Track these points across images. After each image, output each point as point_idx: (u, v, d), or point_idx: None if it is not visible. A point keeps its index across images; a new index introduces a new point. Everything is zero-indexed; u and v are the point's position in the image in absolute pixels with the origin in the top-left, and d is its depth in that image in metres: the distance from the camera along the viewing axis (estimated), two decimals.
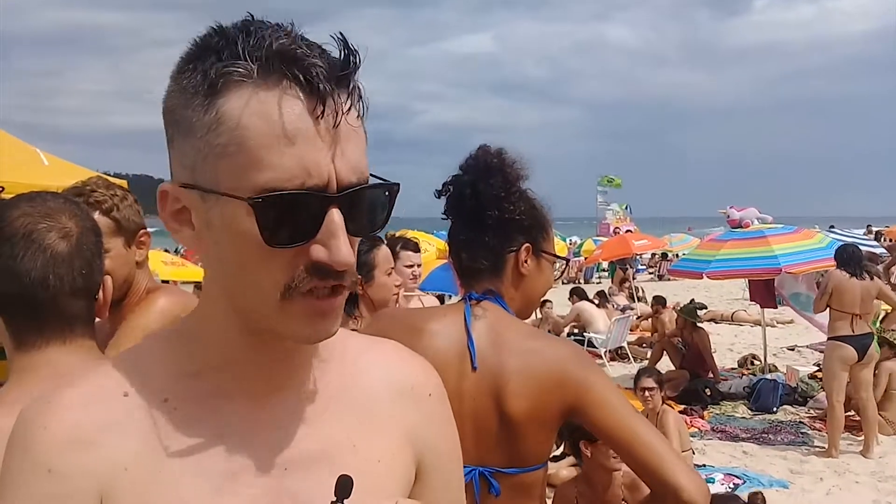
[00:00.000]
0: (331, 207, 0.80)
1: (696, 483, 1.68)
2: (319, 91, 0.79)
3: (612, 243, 22.09)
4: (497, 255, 1.94)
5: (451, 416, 1.12)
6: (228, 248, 0.83)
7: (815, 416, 9.07)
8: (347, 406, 0.98)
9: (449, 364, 1.81)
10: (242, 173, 0.79)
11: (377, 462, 0.97)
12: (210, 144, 0.80)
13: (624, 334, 13.00)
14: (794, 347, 13.39)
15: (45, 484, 0.83)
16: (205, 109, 0.80)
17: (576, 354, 1.85)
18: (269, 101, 0.78)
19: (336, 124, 0.80)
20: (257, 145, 0.78)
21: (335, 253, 0.81)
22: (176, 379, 0.91)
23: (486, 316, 1.89)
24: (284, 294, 0.82)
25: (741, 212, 11.26)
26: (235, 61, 0.79)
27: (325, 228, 0.81)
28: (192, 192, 0.84)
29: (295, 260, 0.82)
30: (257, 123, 0.78)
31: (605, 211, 36.16)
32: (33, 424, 0.86)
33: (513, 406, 1.77)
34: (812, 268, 9.85)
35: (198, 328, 0.93)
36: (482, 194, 1.89)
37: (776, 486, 6.89)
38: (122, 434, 0.86)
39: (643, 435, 1.72)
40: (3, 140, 7.26)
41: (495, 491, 1.79)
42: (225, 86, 0.79)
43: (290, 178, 0.78)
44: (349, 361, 1.02)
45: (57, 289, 1.40)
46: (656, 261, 28.88)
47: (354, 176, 0.82)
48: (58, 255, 1.40)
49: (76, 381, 0.90)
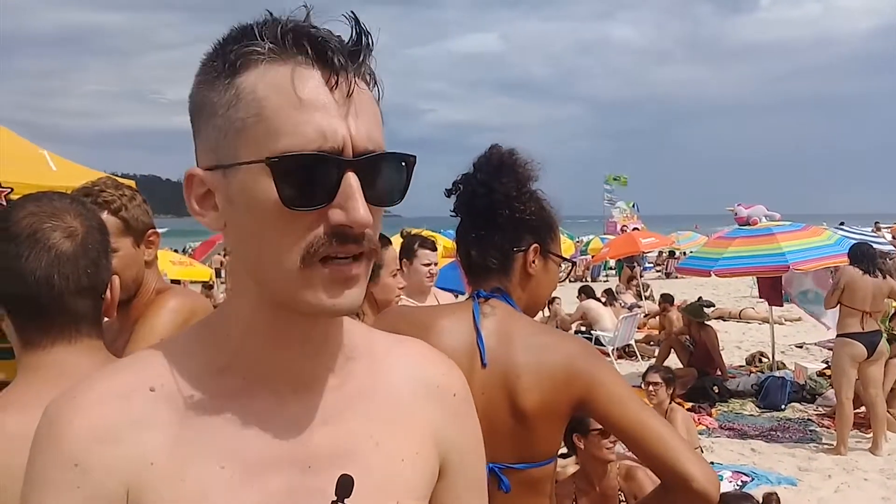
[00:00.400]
0: (347, 171, 0.82)
1: (707, 473, 1.69)
2: (333, 63, 0.83)
3: (619, 241, 22.06)
4: (506, 254, 1.95)
5: (475, 415, 1.13)
6: (249, 219, 0.85)
7: (823, 414, 9.05)
8: (372, 404, 0.99)
9: (458, 361, 1.81)
10: (261, 142, 0.82)
11: (401, 461, 0.98)
12: (230, 120, 0.83)
13: (632, 332, 12.98)
14: (803, 345, 13.35)
15: (72, 478, 0.84)
16: (225, 89, 0.84)
17: (584, 349, 1.87)
18: (284, 73, 0.82)
19: (349, 93, 0.83)
20: (274, 114, 0.82)
21: (352, 213, 0.82)
22: (202, 375, 0.92)
23: (495, 313, 1.90)
24: (304, 260, 0.83)
25: (749, 209, 11.21)
26: (252, 41, 0.83)
27: (342, 191, 0.82)
28: (216, 173, 0.86)
29: (314, 225, 0.83)
30: (273, 94, 0.82)
31: (611, 209, 36.12)
32: (60, 419, 0.86)
33: (524, 401, 1.78)
34: (820, 265, 9.82)
35: (225, 322, 0.94)
36: (494, 193, 1.90)
37: (784, 484, 6.87)
38: (148, 429, 0.87)
39: (653, 427, 1.73)
40: (12, 142, 7.29)
41: (505, 487, 1.79)
42: (243, 65, 0.83)
43: (306, 143, 0.81)
44: (376, 359, 1.03)
45: (62, 288, 1.40)
46: (664, 259, 28.83)
47: (371, 144, 0.85)
48: (62, 255, 1.40)
49: (103, 376, 0.91)
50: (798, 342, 13.60)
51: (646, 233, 23.90)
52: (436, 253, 4.72)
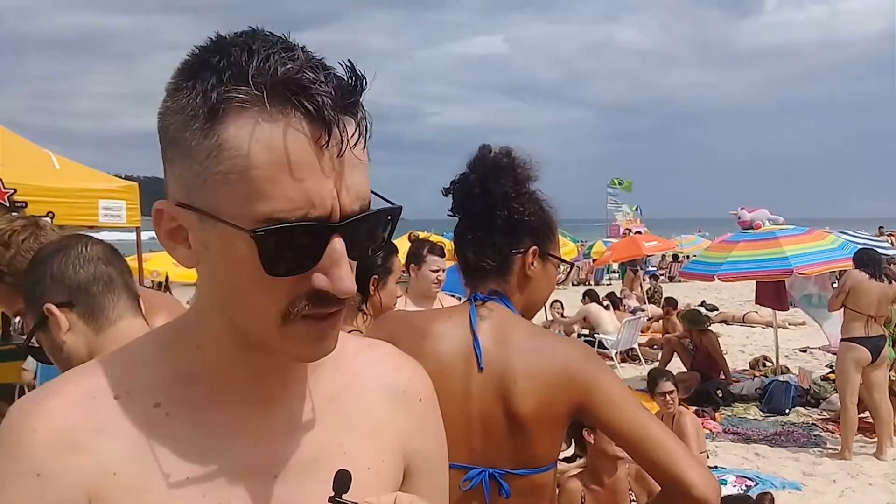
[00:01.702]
0: (333, 237, 0.79)
1: (707, 479, 1.67)
2: (325, 120, 0.76)
3: (622, 245, 22.05)
4: (504, 255, 1.92)
5: (441, 421, 1.12)
6: (226, 272, 0.82)
7: (827, 418, 9.02)
8: (340, 411, 0.98)
9: (455, 365, 1.81)
10: (244, 202, 0.77)
11: (367, 469, 0.96)
12: (210, 170, 0.77)
13: (635, 336, 12.96)
14: (807, 349, 13.32)
15: (33, 487, 0.82)
16: (204, 134, 0.77)
17: (583, 353, 1.85)
18: (273, 132, 0.76)
19: (341, 154, 0.78)
20: (259, 176, 0.76)
21: (337, 282, 0.80)
22: (168, 383, 0.90)
23: (492, 316, 1.88)
24: (285, 319, 0.81)
25: (752, 213, 11.19)
26: (238, 86, 0.76)
27: (326, 257, 0.79)
28: (190, 213, 0.81)
29: (296, 287, 0.80)
30: (260, 153, 0.76)
31: (615, 212, 36.07)
32: (22, 426, 0.85)
33: (520, 406, 1.76)
34: (824, 269, 9.80)
35: (194, 333, 0.92)
36: (492, 193, 1.88)
37: (789, 489, 6.86)
38: (111, 438, 0.85)
39: (652, 432, 1.71)
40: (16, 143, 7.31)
41: (506, 493, 1.78)
42: (226, 112, 0.76)
43: (293, 210, 0.76)
44: (343, 364, 1.02)
45: (118, 269, 1.73)
46: (667, 262, 28.80)
47: (357, 204, 0.80)
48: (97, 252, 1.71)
49: (67, 382, 0.89)
50: (802, 346, 13.57)
51: (649, 236, 23.89)
52: (444, 259, 4.70)
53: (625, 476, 4.38)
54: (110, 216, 6.80)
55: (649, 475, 1.77)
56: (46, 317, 1.65)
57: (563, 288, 23.77)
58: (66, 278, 1.66)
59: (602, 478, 4.37)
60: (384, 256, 3.36)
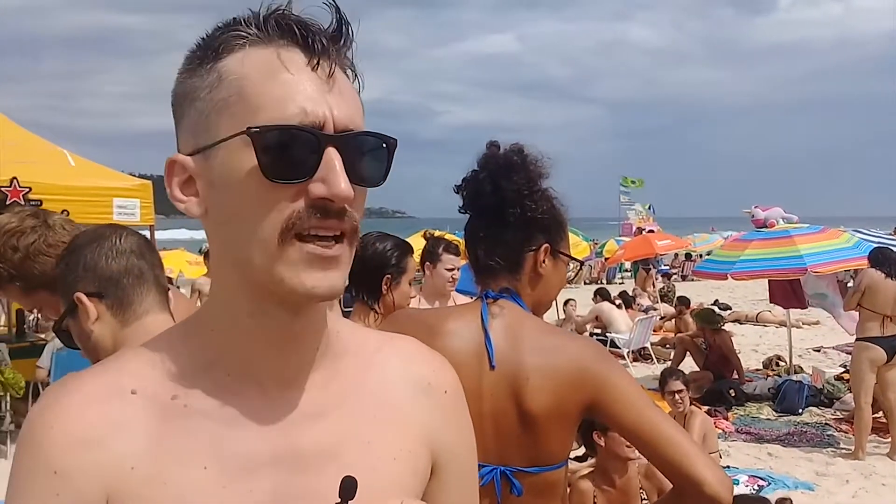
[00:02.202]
0: (328, 146, 0.82)
1: (719, 477, 1.66)
2: (314, 46, 0.84)
3: (634, 243, 21.97)
4: (516, 253, 1.92)
5: (467, 412, 1.11)
6: (228, 196, 0.84)
7: (841, 418, 8.97)
8: (363, 402, 0.98)
9: (467, 363, 1.80)
10: (242, 117, 0.82)
11: (393, 459, 0.96)
12: (212, 101, 0.84)
13: (647, 335, 12.92)
14: (820, 349, 13.26)
15: (51, 484, 0.83)
16: (207, 73, 0.85)
17: (594, 350, 1.84)
18: (267, 54, 0.84)
19: (330, 73, 0.85)
20: (255, 91, 0.82)
21: (334, 186, 0.81)
22: (186, 374, 0.90)
23: (504, 314, 1.88)
24: (283, 236, 0.82)
25: (766, 211, 11.13)
26: (235, 27, 0.85)
27: (323, 165, 0.82)
28: (198, 157, 0.86)
29: (294, 199, 0.82)
30: (255, 73, 0.83)
31: (627, 211, 35.98)
32: (40, 424, 0.86)
33: (532, 404, 1.76)
34: (839, 267, 9.74)
35: (209, 318, 0.93)
36: (504, 191, 1.87)
37: (801, 489, 6.82)
38: (129, 433, 0.86)
39: (664, 429, 1.70)
40: (32, 142, 7.37)
41: (517, 490, 1.78)
42: (226, 49, 0.85)
43: (288, 117, 0.81)
44: (366, 356, 1.02)
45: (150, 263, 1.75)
46: (680, 261, 28.70)
47: (352, 124, 0.85)
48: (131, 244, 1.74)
49: (85, 379, 0.90)
50: (816, 346, 13.51)
51: (661, 235, 23.80)
52: (459, 258, 4.70)
53: (636, 475, 4.37)
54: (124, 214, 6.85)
55: (661, 473, 1.77)
56: (76, 305, 1.68)
57: (574, 286, 23.74)
58: (98, 269, 1.69)
59: (613, 478, 4.37)
60: (398, 256, 3.34)
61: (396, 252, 3.33)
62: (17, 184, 5.75)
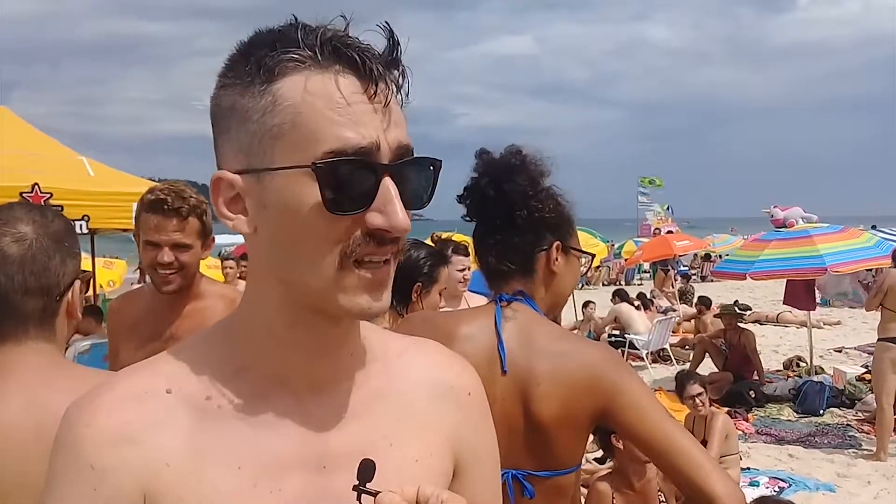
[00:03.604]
0: (385, 175, 0.84)
1: (732, 491, 1.64)
2: (371, 73, 0.84)
3: (652, 244, 21.88)
4: (527, 255, 1.92)
5: (490, 415, 1.13)
6: (285, 222, 0.85)
7: (862, 419, 8.89)
8: (387, 405, 1.00)
9: (479, 367, 1.80)
10: (301, 146, 0.82)
11: (415, 461, 0.98)
12: (265, 126, 0.84)
13: (666, 336, 12.86)
14: (842, 349, 13.14)
15: (88, 480, 0.85)
16: (261, 94, 0.84)
17: (608, 357, 1.83)
18: (325, 81, 0.83)
19: (387, 103, 0.85)
20: (314, 120, 0.82)
21: (392, 218, 0.84)
22: (219, 376, 0.92)
23: (517, 318, 1.88)
24: (342, 262, 0.85)
25: (785, 211, 11.07)
26: (291, 49, 0.83)
27: (380, 195, 0.84)
28: (248, 177, 0.87)
29: (352, 229, 0.84)
30: (313, 100, 0.83)
31: (646, 211, 35.82)
32: (77, 422, 0.87)
33: (542, 409, 1.76)
34: (859, 267, 9.67)
35: (245, 324, 0.95)
36: (508, 194, 1.87)
37: (823, 490, 6.77)
38: (164, 431, 0.87)
39: (677, 440, 1.68)
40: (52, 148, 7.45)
41: (529, 494, 1.78)
42: (281, 72, 0.84)
43: (346, 148, 0.82)
44: (390, 361, 1.04)
45: (7, 288, 1.52)
46: (699, 262, 28.55)
47: (404, 151, 0.87)
48: (8, 258, 1.51)
49: (120, 379, 0.92)
50: (837, 346, 13.38)
51: (680, 235, 23.69)
52: (469, 258, 4.73)
53: (654, 478, 4.36)
54: None
55: (673, 484, 1.74)
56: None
57: (593, 288, 23.65)
58: None
59: (632, 481, 4.35)
60: (431, 265, 3.38)
61: (430, 261, 3.38)
62: (39, 189, 5.81)
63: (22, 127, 7.51)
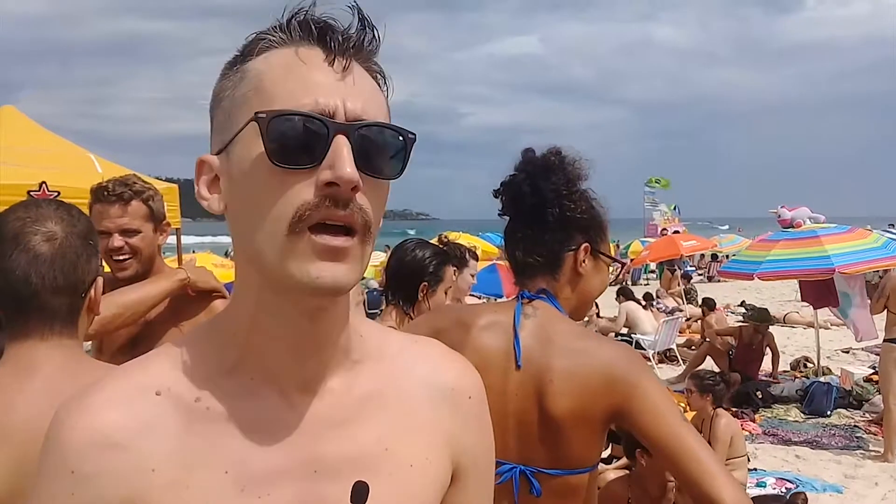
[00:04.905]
0: (337, 134, 0.83)
1: (741, 499, 1.64)
2: (331, 44, 0.86)
3: (659, 244, 21.81)
4: (555, 253, 1.93)
5: (489, 417, 1.11)
6: (242, 188, 0.86)
7: (870, 420, 8.87)
8: (382, 408, 0.97)
9: (495, 362, 1.81)
10: (256, 108, 0.84)
11: (409, 466, 0.96)
12: (234, 98, 0.87)
13: (673, 336, 12.84)
14: (849, 350, 13.09)
15: (67, 485, 0.84)
16: (234, 73, 0.89)
17: (627, 357, 1.82)
18: (287, 52, 0.87)
19: (345, 67, 0.86)
20: (272, 84, 0.85)
21: (338, 169, 0.81)
22: (210, 376, 0.91)
23: (537, 315, 1.89)
24: (293, 227, 0.82)
25: (793, 211, 11.02)
26: (263, 34, 0.88)
27: (331, 152, 0.82)
28: (221, 155, 0.89)
29: (303, 190, 0.82)
30: (273, 68, 0.86)
31: (652, 212, 35.73)
32: (63, 425, 0.87)
33: (555, 406, 1.76)
34: (867, 268, 9.61)
35: (232, 320, 0.94)
36: (542, 192, 1.89)
37: (830, 491, 6.76)
38: (151, 435, 0.86)
39: (690, 445, 1.68)
40: (60, 146, 7.46)
41: (536, 491, 1.77)
42: (251, 51, 0.88)
43: (299, 107, 0.83)
44: (387, 361, 1.02)
45: (38, 286, 1.55)
46: (706, 262, 28.46)
47: (365, 115, 0.85)
48: (39, 256, 1.55)
49: (111, 379, 0.90)
50: (844, 347, 13.33)
51: (687, 235, 23.62)
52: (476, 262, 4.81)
53: (671, 488, 4.33)
54: None
55: (682, 487, 1.74)
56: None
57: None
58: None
59: (651, 492, 4.35)
60: (436, 265, 3.39)
61: (435, 261, 3.39)
62: (47, 188, 5.83)
63: (29, 125, 7.53)
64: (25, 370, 1.52)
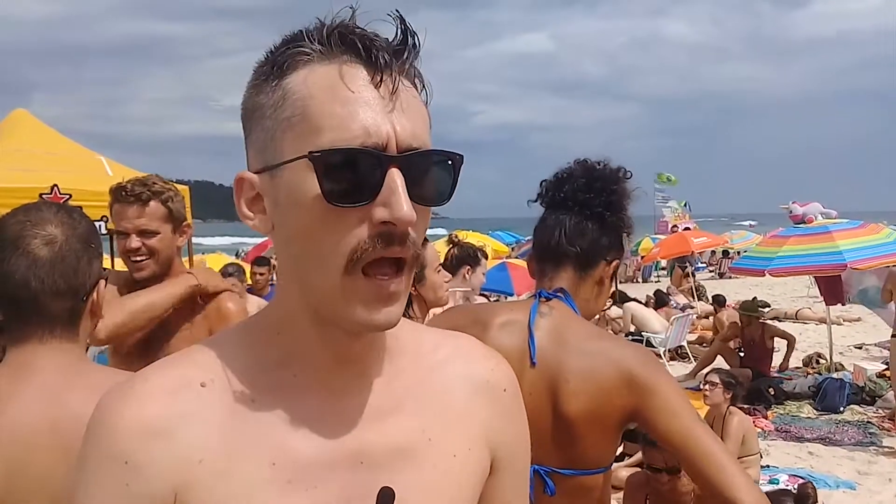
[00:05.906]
0: (390, 167, 0.81)
1: (757, 498, 1.64)
2: (378, 62, 0.83)
3: (670, 241, 21.72)
4: (594, 252, 1.96)
5: (524, 411, 1.12)
6: (293, 219, 0.85)
7: (883, 416, 8.80)
8: (423, 401, 0.99)
9: (510, 359, 1.81)
10: (305, 138, 0.82)
11: (453, 456, 0.97)
12: (277, 120, 0.84)
13: (683, 334, 12.78)
14: (862, 346, 13.01)
15: (121, 475, 0.84)
16: (273, 90, 0.85)
17: (642, 357, 1.83)
18: (329, 71, 0.83)
19: (394, 90, 0.83)
20: (319, 112, 0.82)
21: (396, 209, 0.80)
22: (254, 370, 0.92)
23: (553, 314, 1.89)
24: (348, 267, 0.83)
25: (804, 207, 10.99)
26: (299, 44, 0.84)
27: (385, 187, 0.81)
28: (264, 176, 0.87)
29: (357, 226, 0.82)
30: (318, 92, 0.82)
31: (662, 208, 35.59)
32: (111, 414, 0.87)
33: (569, 405, 1.76)
34: (879, 263, 9.55)
35: (276, 319, 0.94)
36: (611, 194, 1.93)
37: (843, 488, 6.72)
38: (198, 425, 0.87)
39: (706, 445, 1.68)
40: (71, 150, 7.50)
41: (550, 490, 1.77)
42: (290, 66, 0.85)
43: (350, 139, 0.81)
44: (424, 356, 1.03)
45: (37, 290, 1.53)
46: (717, 259, 28.35)
47: (415, 142, 0.84)
48: (39, 260, 1.53)
49: (155, 371, 0.91)
50: (857, 343, 13.25)
51: (698, 232, 23.52)
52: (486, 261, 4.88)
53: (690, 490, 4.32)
54: None
55: (697, 487, 1.75)
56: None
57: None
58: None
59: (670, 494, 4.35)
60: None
61: None
62: (58, 191, 5.86)
63: (40, 128, 7.57)
64: (22, 373, 1.52)
